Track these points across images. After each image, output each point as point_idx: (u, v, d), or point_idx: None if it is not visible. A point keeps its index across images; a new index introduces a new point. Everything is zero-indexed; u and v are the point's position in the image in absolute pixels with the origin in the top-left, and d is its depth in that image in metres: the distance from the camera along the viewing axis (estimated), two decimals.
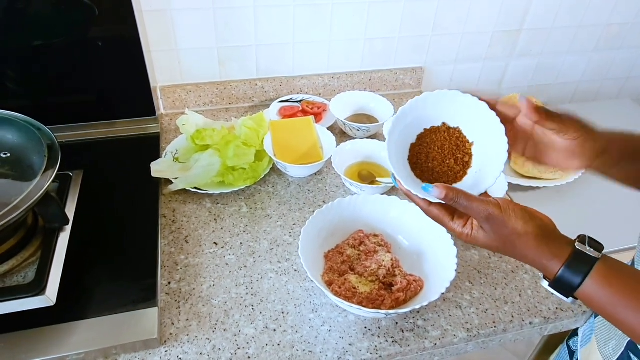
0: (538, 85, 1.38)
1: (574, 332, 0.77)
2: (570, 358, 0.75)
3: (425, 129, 0.57)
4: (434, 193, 0.49)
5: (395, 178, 0.54)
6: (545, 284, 0.50)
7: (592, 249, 0.48)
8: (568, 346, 0.77)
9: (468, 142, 0.57)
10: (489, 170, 0.54)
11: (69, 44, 0.91)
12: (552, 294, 0.50)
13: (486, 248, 0.52)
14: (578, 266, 0.47)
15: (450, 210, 0.53)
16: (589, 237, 0.49)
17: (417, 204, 0.54)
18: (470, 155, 0.56)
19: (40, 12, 0.87)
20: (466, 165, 0.56)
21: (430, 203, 0.53)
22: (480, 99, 0.54)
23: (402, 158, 0.57)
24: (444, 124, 0.57)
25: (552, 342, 0.88)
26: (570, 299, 0.49)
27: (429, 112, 0.57)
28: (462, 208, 0.49)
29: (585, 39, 1.31)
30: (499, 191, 0.85)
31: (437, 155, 0.56)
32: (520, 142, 0.57)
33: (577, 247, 0.48)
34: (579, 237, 0.49)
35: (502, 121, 0.53)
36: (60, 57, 0.92)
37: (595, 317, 0.70)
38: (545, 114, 0.53)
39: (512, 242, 0.49)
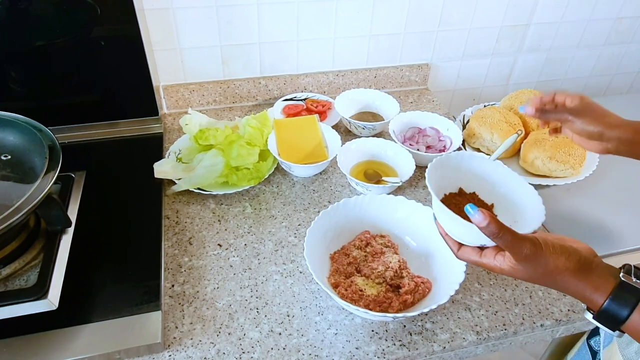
0: (547, 81, 1.36)
1: (595, 332, 0.76)
2: (592, 358, 0.74)
3: (445, 195, 0.60)
4: (478, 217, 0.46)
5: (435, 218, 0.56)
6: (589, 316, 0.49)
7: (638, 280, 0.46)
8: (589, 345, 0.75)
9: (487, 205, 0.59)
10: (526, 220, 0.55)
11: (70, 43, 0.90)
12: (597, 326, 0.49)
13: (523, 280, 0.52)
14: (624, 298, 0.46)
15: (479, 248, 0.52)
16: (634, 267, 0.47)
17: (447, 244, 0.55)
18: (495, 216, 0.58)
19: (42, 12, 0.86)
20: None
21: (460, 245, 0.53)
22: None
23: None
24: (460, 189, 0.61)
25: (570, 341, 0.86)
26: (617, 332, 0.47)
27: (443, 180, 0.59)
28: (504, 245, 0.47)
29: (595, 33, 1.28)
30: None
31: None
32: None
33: (622, 278, 0.46)
34: (623, 266, 0.48)
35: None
36: (62, 57, 0.91)
37: None
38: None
39: (552, 278, 0.48)
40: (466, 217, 0.49)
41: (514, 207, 0.59)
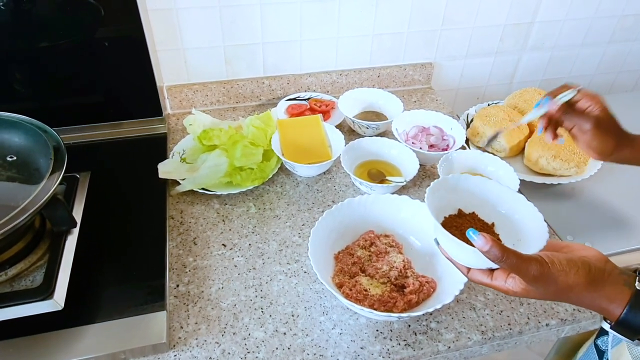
0: (551, 79, 1.35)
1: (603, 331, 0.75)
2: (599, 358, 0.73)
3: (445, 217, 0.59)
4: (479, 241, 0.46)
5: (437, 241, 0.55)
6: (606, 325, 0.49)
7: None
8: (596, 345, 0.75)
9: (488, 224, 0.58)
10: (529, 239, 0.54)
11: (75, 44, 0.90)
12: (615, 335, 0.48)
13: (538, 300, 0.51)
14: None
15: (489, 269, 0.52)
16: None
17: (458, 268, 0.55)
18: (497, 235, 0.57)
19: (46, 13, 0.86)
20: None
21: (469, 268, 0.53)
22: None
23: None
24: (460, 210, 0.60)
25: (578, 341, 0.86)
26: (636, 340, 0.47)
27: (442, 202, 0.58)
28: (510, 268, 0.47)
29: (599, 30, 1.28)
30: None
31: None
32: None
33: (638, 287, 0.47)
34: (636, 272, 0.48)
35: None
36: (66, 58, 0.92)
37: None
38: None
39: (565, 295, 0.48)
40: (469, 241, 0.48)
41: (515, 225, 0.58)
